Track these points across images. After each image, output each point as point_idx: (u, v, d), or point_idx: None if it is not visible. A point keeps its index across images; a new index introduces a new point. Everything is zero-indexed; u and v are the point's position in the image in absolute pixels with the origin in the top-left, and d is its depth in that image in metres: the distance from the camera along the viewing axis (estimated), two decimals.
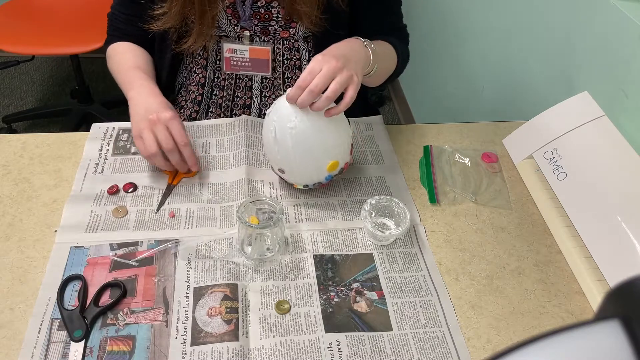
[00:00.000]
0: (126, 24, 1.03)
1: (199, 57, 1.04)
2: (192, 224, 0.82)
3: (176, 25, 0.95)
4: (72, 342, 0.66)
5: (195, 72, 1.06)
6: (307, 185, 0.86)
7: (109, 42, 1.07)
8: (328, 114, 0.77)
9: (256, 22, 0.97)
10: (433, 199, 0.89)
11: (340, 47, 0.81)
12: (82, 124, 2.18)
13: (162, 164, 0.85)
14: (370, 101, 1.29)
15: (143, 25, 0.97)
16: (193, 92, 1.08)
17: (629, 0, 0.93)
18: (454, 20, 1.76)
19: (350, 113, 1.07)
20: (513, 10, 1.35)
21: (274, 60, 1.02)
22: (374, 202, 0.82)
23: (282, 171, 0.84)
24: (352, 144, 0.86)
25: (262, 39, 0.99)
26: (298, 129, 0.77)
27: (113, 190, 0.86)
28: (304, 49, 1.02)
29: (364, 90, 1.25)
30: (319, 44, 1.00)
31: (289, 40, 1.01)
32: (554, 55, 1.15)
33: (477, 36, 1.59)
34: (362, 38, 0.86)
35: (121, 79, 0.98)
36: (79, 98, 2.19)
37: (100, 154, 0.93)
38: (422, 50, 2.11)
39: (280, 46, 1.01)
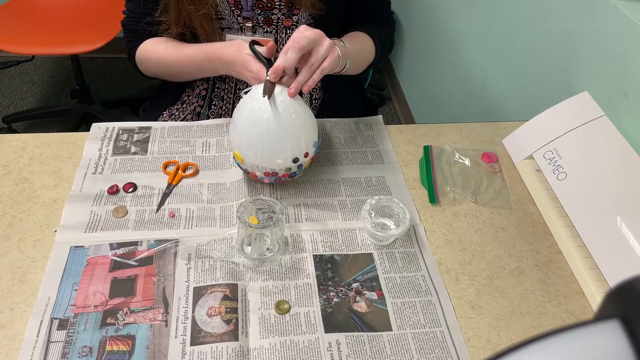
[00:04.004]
0: (143, 24, 1.00)
1: None
2: (192, 224, 0.82)
3: (179, 31, 0.97)
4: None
5: None
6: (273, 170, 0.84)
7: (132, 49, 1.04)
8: (307, 88, 0.80)
9: (259, 11, 0.97)
10: (433, 199, 0.89)
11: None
12: (82, 124, 2.18)
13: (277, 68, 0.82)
14: (371, 101, 1.30)
15: (158, 27, 0.97)
16: (198, 87, 1.08)
17: (629, 0, 0.93)
18: (454, 20, 1.76)
19: (350, 113, 1.07)
20: (513, 10, 1.34)
21: (276, 50, 1.02)
22: (373, 202, 0.82)
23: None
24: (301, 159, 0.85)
25: (265, 30, 1.00)
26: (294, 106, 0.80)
27: (113, 190, 0.86)
28: None
29: (363, 90, 1.26)
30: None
31: (292, 29, 1.01)
32: (554, 55, 1.15)
33: (477, 36, 1.59)
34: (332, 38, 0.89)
35: (183, 64, 0.98)
36: (79, 98, 2.19)
37: (100, 154, 0.93)
38: (422, 50, 2.11)
39: (284, 35, 1.01)
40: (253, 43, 0.86)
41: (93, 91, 2.22)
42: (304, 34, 0.79)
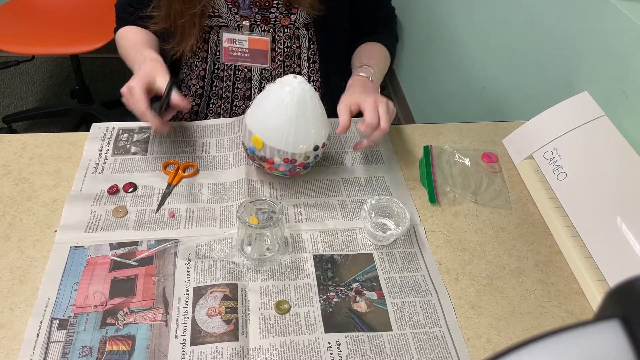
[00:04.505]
0: (131, 14, 1.03)
1: (200, 51, 1.04)
2: (192, 224, 0.82)
3: (167, 27, 0.97)
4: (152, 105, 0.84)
5: (196, 66, 1.07)
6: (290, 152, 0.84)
7: (116, 31, 1.07)
8: (363, 145, 0.87)
9: (256, 10, 0.97)
10: (433, 199, 0.89)
11: (369, 89, 0.92)
12: (82, 124, 2.18)
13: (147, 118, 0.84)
14: None
15: (147, 21, 0.98)
16: (194, 85, 1.08)
17: (629, 0, 0.93)
18: (454, 20, 1.76)
19: None
20: (513, 10, 1.35)
21: (273, 49, 1.02)
22: (373, 202, 0.82)
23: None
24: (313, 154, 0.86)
25: (263, 28, 1.00)
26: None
27: (113, 190, 0.86)
28: (304, 37, 1.03)
29: None
30: (319, 31, 1.02)
31: (290, 28, 1.01)
32: (554, 55, 1.15)
33: (477, 36, 1.59)
34: (363, 73, 0.96)
35: (128, 58, 0.99)
36: (79, 98, 2.19)
37: (100, 154, 0.93)
38: (422, 50, 2.11)
39: (281, 34, 1.02)
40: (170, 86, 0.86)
41: (93, 91, 2.22)
42: (385, 121, 0.83)
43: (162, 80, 0.86)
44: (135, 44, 0.99)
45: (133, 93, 0.83)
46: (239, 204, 0.82)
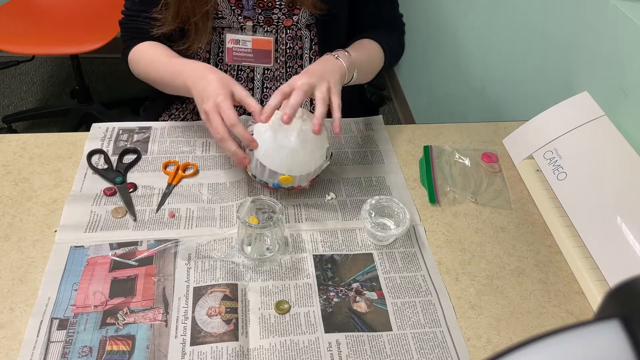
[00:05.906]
0: (139, 22, 1.00)
1: (202, 51, 1.04)
2: (191, 224, 0.82)
3: (175, 27, 0.96)
4: (116, 186, 0.87)
5: None
6: (254, 176, 0.84)
7: (127, 47, 1.02)
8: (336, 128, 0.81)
9: (259, 10, 0.97)
10: (433, 199, 0.89)
11: (312, 67, 0.87)
12: (82, 124, 2.18)
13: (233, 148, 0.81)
14: (371, 101, 1.30)
15: (153, 23, 0.97)
16: None
17: (629, 0, 0.93)
18: (454, 20, 1.76)
19: (350, 113, 1.07)
20: (513, 10, 1.35)
21: (276, 50, 1.02)
22: (373, 202, 0.82)
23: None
24: (317, 175, 0.86)
25: (265, 29, 1.00)
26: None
27: (112, 191, 0.86)
28: (306, 38, 1.03)
29: (363, 90, 1.26)
30: (322, 31, 1.02)
31: (292, 29, 1.01)
32: (554, 55, 1.15)
33: (477, 36, 1.59)
34: (334, 52, 0.91)
35: (165, 74, 0.95)
36: (79, 98, 2.19)
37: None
38: (422, 50, 2.11)
39: (284, 35, 1.02)
40: None
41: (93, 91, 2.22)
42: (302, 80, 0.79)
43: (239, 89, 0.81)
44: (166, 56, 0.95)
45: (222, 108, 0.79)
46: (239, 204, 0.82)
